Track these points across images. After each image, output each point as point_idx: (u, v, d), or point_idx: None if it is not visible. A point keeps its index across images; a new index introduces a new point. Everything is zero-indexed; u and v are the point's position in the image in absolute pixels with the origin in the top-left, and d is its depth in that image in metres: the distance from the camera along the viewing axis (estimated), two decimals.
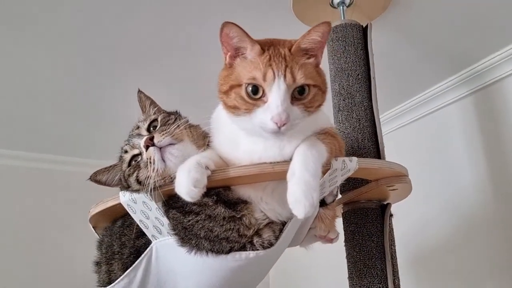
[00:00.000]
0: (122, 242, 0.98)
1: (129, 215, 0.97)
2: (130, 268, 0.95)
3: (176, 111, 1.07)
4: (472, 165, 2.09)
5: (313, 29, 0.83)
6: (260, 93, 0.81)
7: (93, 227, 1.13)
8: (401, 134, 2.48)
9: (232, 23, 0.82)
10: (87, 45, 1.80)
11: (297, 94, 0.82)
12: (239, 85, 0.82)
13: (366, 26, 1.50)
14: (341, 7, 1.58)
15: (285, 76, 0.79)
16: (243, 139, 0.89)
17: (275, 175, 0.87)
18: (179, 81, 2.10)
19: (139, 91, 1.11)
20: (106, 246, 1.02)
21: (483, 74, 2.05)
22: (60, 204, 2.96)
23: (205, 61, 1.88)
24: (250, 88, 0.81)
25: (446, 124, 2.26)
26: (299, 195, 0.79)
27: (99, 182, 1.01)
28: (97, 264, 1.04)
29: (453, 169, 2.17)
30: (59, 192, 3.00)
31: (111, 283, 0.98)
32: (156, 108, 1.09)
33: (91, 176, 1.01)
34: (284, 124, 0.78)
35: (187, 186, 0.81)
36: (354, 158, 0.94)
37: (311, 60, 0.86)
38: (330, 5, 1.59)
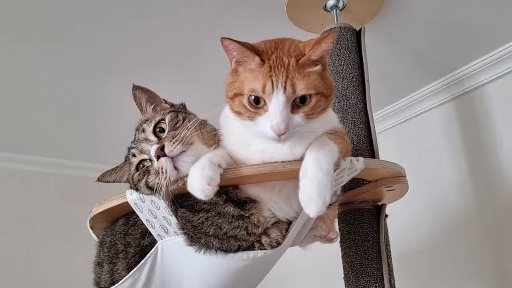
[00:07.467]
0: (126, 242, 0.96)
1: (133, 214, 0.96)
2: (135, 269, 0.94)
3: (183, 105, 1.03)
4: (453, 168, 2.16)
5: (323, 40, 0.82)
6: (262, 103, 0.81)
7: (90, 227, 1.11)
8: (384, 137, 2.53)
9: (229, 38, 0.82)
10: (81, 46, 1.78)
11: (299, 102, 0.82)
12: (242, 94, 0.83)
13: (360, 30, 1.53)
14: (334, 11, 1.60)
15: (285, 88, 0.79)
16: (254, 138, 0.89)
17: (286, 174, 0.88)
18: (183, 82, 2.10)
19: (134, 87, 1.01)
20: (109, 245, 1.00)
21: (465, 80, 2.12)
22: (54, 207, 2.93)
23: (203, 63, 1.91)
24: (252, 98, 0.82)
25: (428, 128, 2.32)
26: (313, 194, 0.80)
27: (107, 182, 0.99)
28: (99, 264, 1.01)
29: (435, 171, 2.23)
30: (54, 195, 2.98)
31: (114, 284, 0.96)
32: (153, 105, 1.02)
33: (99, 178, 0.99)
34: (283, 133, 0.79)
35: (201, 184, 0.80)
36: (361, 158, 0.96)
37: (317, 67, 0.84)
38: (324, 8, 1.61)
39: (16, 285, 2.66)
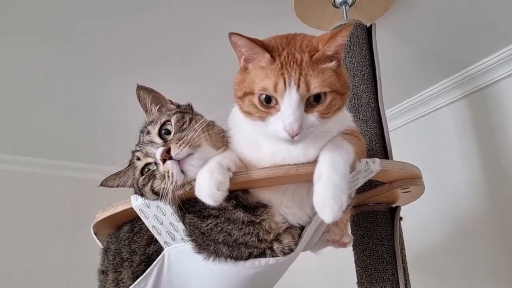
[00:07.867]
0: (132, 249, 0.92)
1: (138, 220, 0.92)
2: (141, 277, 0.90)
3: (189, 105, 0.99)
4: (466, 167, 2.11)
5: (338, 34, 0.77)
6: (274, 102, 0.77)
7: (94, 233, 1.07)
8: (395, 136, 2.47)
9: (237, 34, 0.77)
10: (82, 46, 1.75)
11: (313, 101, 0.77)
12: (252, 93, 0.78)
13: (370, 26, 1.49)
14: (344, 7, 1.56)
15: (298, 86, 0.74)
16: (265, 139, 0.85)
17: (299, 177, 0.83)
18: (185, 81, 2.06)
19: (138, 87, 0.97)
20: (113, 253, 0.96)
21: (478, 77, 2.06)
22: (53, 209, 2.91)
23: (206, 62, 1.87)
24: (264, 97, 0.77)
25: (439, 126, 2.27)
26: (328, 198, 0.75)
27: (111, 187, 0.95)
28: (103, 272, 0.98)
29: (446, 171, 2.18)
30: (54, 196, 2.95)
31: None
32: (159, 106, 0.98)
33: (102, 183, 0.95)
34: (297, 134, 0.75)
35: (210, 189, 0.76)
36: (377, 160, 0.91)
37: (332, 63, 0.79)
38: (332, 4, 1.57)
39: (16, 286, 2.64)
